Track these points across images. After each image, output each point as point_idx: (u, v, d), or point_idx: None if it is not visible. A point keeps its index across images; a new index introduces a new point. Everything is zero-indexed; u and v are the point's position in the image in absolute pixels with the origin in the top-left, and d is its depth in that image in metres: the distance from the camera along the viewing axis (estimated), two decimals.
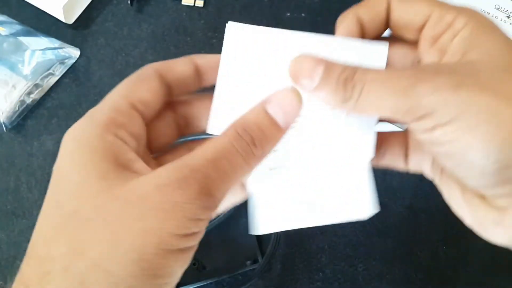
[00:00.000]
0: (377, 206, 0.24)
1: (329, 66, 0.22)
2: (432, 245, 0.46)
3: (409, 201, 0.48)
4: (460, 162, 0.21)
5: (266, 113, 0.22)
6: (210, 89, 0.26)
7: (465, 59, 0.22)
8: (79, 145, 0.21)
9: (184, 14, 0.55)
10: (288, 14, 0.55)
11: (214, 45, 0.53)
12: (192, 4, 0.55)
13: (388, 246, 0.46)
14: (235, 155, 0.21)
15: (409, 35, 0.25)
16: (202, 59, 0.26)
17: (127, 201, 0.20)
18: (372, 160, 0.26)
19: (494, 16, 0.43)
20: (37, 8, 0.53)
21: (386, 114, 0.22)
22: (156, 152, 0.26)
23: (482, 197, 0.22)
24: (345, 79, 0.22)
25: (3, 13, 0.53)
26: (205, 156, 0.21)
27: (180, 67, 0.26)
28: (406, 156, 0.27)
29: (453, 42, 0.22)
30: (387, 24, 0.25)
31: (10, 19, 0.53)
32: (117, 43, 0.53)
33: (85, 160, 0.21)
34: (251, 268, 0.43)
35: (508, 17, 0.43)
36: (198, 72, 0.26)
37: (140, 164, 0.22)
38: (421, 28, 0.24)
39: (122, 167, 0.21)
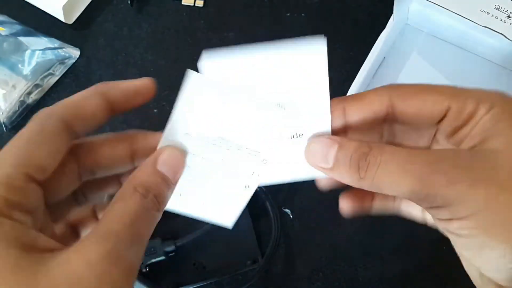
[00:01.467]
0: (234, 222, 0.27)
1: (342, 145, 0.23)
2: (432, 245, 0.46)
3: None
4: (476, 256, 0.21)
5: (159, 172, 0.24)
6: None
7: (483, 147, 0.21)
8: None
9: (184, 14, 0.55)
10: (288, 14, 0.55)
11: (214, 45, 0.53)
12: (192, 4, 0.55)
13: (388, 246, 0.46)
14: (147, 215, 0.22)
15: (422, 129, 0.24)
16: (115, 90, 0.24)
17: None
18: (363, 206, 0.27)
19: (494, 16, 0.43)
20: (37, 8, 0.53)
21: (403, 196, 0.21)
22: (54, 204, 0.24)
23: (498, 285, 0.21)
24: (358, 159, 0.22)
25: (3, 13, 0.53)
26: (123, 221, 0.21)
27: (90, 107, 0.23)
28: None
29: (472, 132, 0.22)
30: (384, 120, 0.24)
31: (10, 19, 0.53)
32: (117, 43, 0.53)
33: None
34: (251, 268, 0.43)
35: (508, 17, 0.43)
36: (111, 106, 0.24)
37: (43, 239, 0.20)
38: (438, 122, 0.23)
39: (29, 249, 0.19)
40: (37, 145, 0.21)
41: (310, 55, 0.24)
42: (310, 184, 0.48)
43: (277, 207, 0.46)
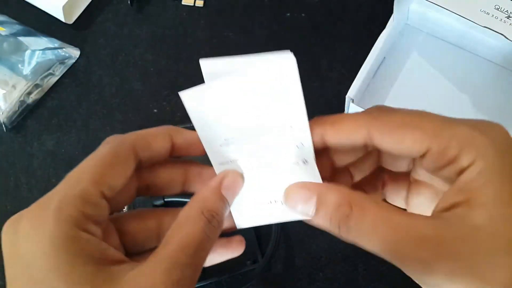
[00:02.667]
0: None
1: (321, 200, 0.22)
2: None
3: None
4: None
5: (222, 197, 0.24)
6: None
7: (469, 219, 0.19)
8: (54, 248, 0.20)
9: (184, 14, 0.55)
10: (288, 14, 0.55)
11: (214, 45, 0.53)
12: (192, 4, 0.55)
13: None
14: (209, 242, 0.23)
15: (398, 166, 0.25)
16: (180, 137, 0.26)
17: None
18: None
19: (494, 16, 0.43)
20: (37, 8, 0.53)
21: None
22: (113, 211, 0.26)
23: None
24: (339, 221, 0.21)
25: (3, 13, 0.53)
26: (186, 250, 0.22)
27: (158, 144, 0.25)
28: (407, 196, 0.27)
29: (458, 182, 0.20)
30: (361, 150, 0.25)
31: (10, 19, 0.53)
32: (117, 43, 0.53)
33: (68, 268, 0.20)
34: (251, 268, 0.43)
35: (508, 17, 0.43)
36: (173, 148, 0.26)
37: (112, 251, 0.22)
38: (415, 160, 0.22)
39: (102, 262, 0.21)
40: (111, 167, 0.23)
41: (281, 77, 0.22)
42: None
43: None
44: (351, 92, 0.44)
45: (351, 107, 0.45)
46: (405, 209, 0.27)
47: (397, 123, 0.21)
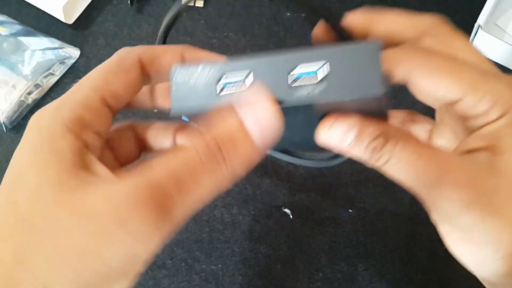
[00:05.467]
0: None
1: (360, 131, 0.21)
2: (432, 245, 0.46)
3: (409, 201, 0.48)
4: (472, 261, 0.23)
5: (242, 125, 0.19)
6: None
7: (491, 163, 0.20)
8: (41, 141, 0.20)
9: (184, 14, 0.55)
10: (288, 14, 0.55)
11: (214, 45, 0.53)
12: (192, 4, 0.55)
13: (388, 246, 0.46)
14: (199, 167, 0.19)
15: (430, 102, 0.23)
16: (192, 55, 0.25)
17: (79, 216, 0.18)
18: None
19: None
20: (37, 8, 0.53)
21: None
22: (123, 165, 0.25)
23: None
24: (374, 148, 0.21)
25: (3, 13, 0.53)
26: (166, 168, 0.19)
27: (167, 59, 0.24)
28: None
29: (482, 131, 0.21)
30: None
31: (10, 19, 0.53)
32: (117, 43, 0.53)
33: (44, 160, 0.20)
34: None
35: None
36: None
37: (99, 167, 0.20)
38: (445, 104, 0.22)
39: (81, 168, 0.20)
40: (114, 74, 0.23)
41: None
42: (310, 184, 0.48)
43: None
44: (481, 20, 0.43)
45: (479, 35, 0.43)
46: None
47: (437, 67, 0.20)
